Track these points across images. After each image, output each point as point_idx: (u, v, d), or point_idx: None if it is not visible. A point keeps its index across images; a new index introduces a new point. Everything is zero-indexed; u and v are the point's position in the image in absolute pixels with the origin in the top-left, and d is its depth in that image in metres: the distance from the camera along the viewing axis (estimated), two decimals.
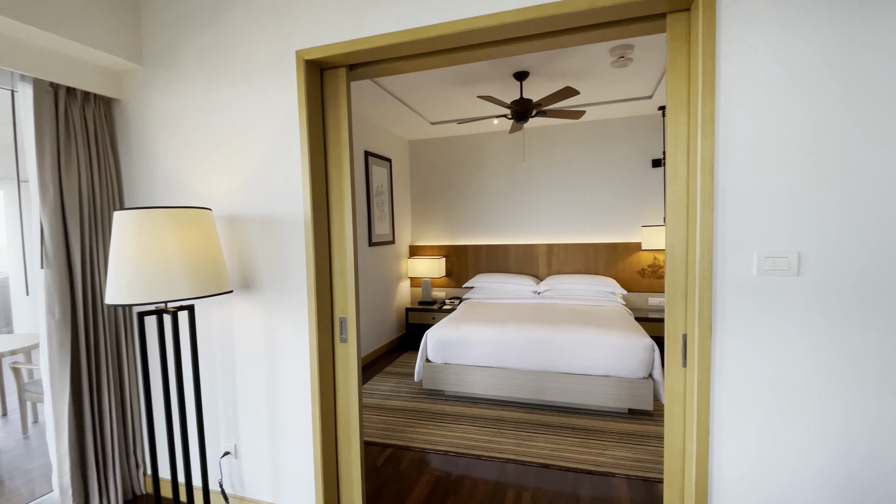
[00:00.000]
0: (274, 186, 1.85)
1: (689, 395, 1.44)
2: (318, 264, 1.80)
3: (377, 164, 4.47)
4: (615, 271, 4.61)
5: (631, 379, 2.90)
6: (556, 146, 4.72)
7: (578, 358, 2.99)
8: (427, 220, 5.24)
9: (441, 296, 5.17)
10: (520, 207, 4.89)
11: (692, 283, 1.42)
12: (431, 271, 4.84)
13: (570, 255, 4.73)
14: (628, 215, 4.58)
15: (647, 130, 4.46)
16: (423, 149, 5.20)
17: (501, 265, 4.94)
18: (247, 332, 1.95)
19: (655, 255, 4.49)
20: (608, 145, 4.57)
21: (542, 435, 2.71)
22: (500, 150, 4.91)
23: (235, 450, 2.03)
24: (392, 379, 3.77)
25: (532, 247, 4.83)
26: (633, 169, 4.52)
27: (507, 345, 3.12)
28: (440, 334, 3.28)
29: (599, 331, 3.03)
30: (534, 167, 4.81)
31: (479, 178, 5.00)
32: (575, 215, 4.72)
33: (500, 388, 3.14)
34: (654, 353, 2.89)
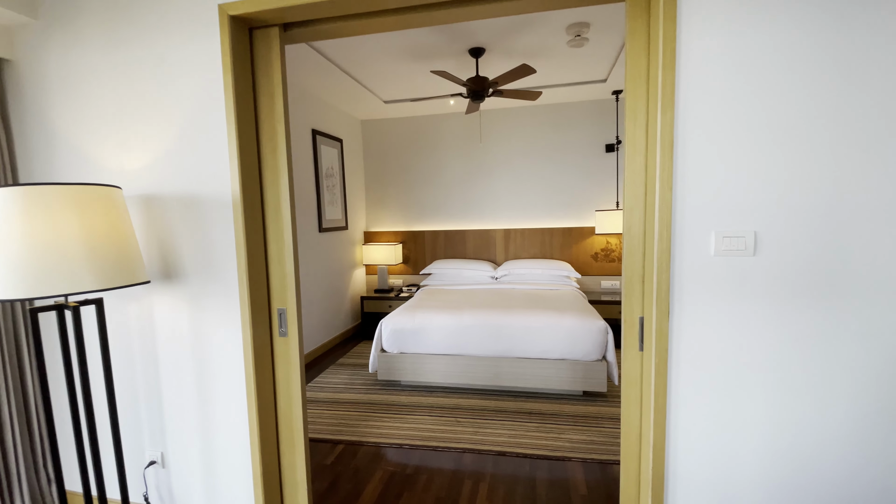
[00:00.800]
0: (197, 162, 1.63)
1: (647, 379, 1.40)
2: (250, 250, 1.61)
3: (327, 143, 4.21)
4: (570, 255, 4.65)
5: (586, 361, 2.92)
6: (513, 130, 4.65)
7: (535, 342, 2.96)
8: (382, 204, 5.05)
9: (398, 283, 5.03)
10: (477, 192, 4.80)
11: (650, 265, 1.37)
12: (388, 258, 4.68)
13: (526, 241, 4.71)
14: (582, 200, 4.61)
15: (601, 115, 4.47)
16: (376, 129, 4.97)
17: (459, 251, 4.85)
18: (171, 327, 1.73)
19: (608, 238, 4.56)
20: (563, 130, 4.56)
21: (499, 421, 2.67)
22: (457, 133, 4.78)
23: (163, 459, 1.82)
24: (346, 371, 3.61)
25: (490, 232, 4.77)
26: (588, 154, 4.54)
27: (464, 332, 3.04)
28: (395, 323, 3.15)
29: (555, 315, 3.02)
30: (491, 151, 4.73)
31: (436, 161, 4.86)
32: (531, 200, 4.70)
33: (458, 375, 3.07)
34: (607, 336, 2.91)
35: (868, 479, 1.25)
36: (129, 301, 1.76)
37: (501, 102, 4.44)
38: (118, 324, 1.79)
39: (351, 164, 4.75)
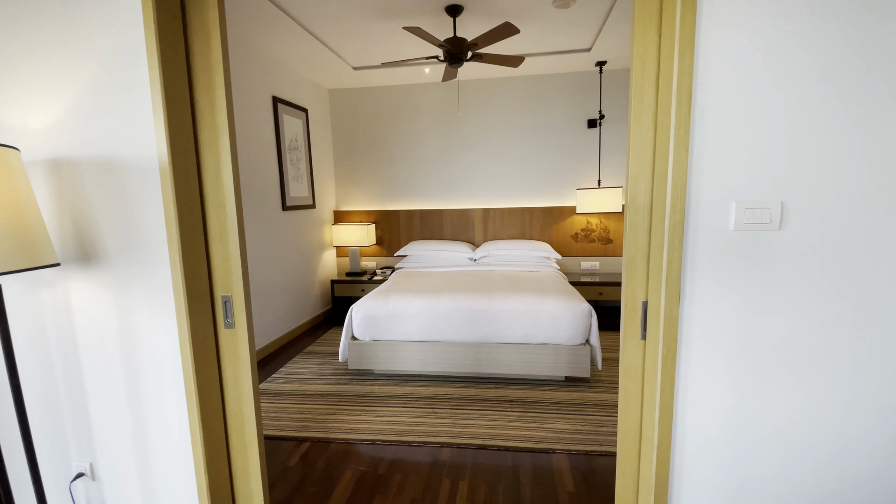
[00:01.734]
0: (116, 118, 1.33)
1: (650, 372, 1.23)
2: (183, 227, 1.34)
3: (290, 113, 3.86)
4: (549, 236, 4.50)
5: (568, 346, 2.77)
6: (492, 103, 4.40)
7: (516, 327, 2.79)
8: (353, 182, 4.74)
9: (371, 266, 4.77)
10: (455, 169, 4.55)
11: (657, 242, 1.18)
12: (360, 239, 4.40)
13: (506, 220, 4.52)
14: (563, 178, 4.43)
15: (583, 89, 4.27)
16: (346, 99, 4.62)
17: (436, 232, 4.62)
18: (93, 319, 1.45)
19: (588, 218, 4.42)
20: (545, 103, 4.34)
21: (480, 411, 2.50)
22: (434, 105, 4.49)
23: (92, 470, 1.56)
24: (314, 360, 3.37)
25: (468, 212, 4.55)
26: (569, 130, 4.35)
27: (441, 317, 2.84)
28: (367, 309, 2.91)
29: (537, 298, 2.85)
30: (469, 125, 4.47)
31: (412, 135, 4.57)
32: (511, 178, 4.49)
33: (435, 363, 2.88)
34: (591, 319, 2.77)
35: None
36: (39, 288, 1.46)
37: (480, 72, 4.17)
38: (27, 315, 1.49)
39: (318, 137, 4.41)
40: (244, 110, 3.25)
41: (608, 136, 4.30)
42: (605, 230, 4.42)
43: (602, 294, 4.04)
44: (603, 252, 4.45)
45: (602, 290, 4.03)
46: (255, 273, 3.37)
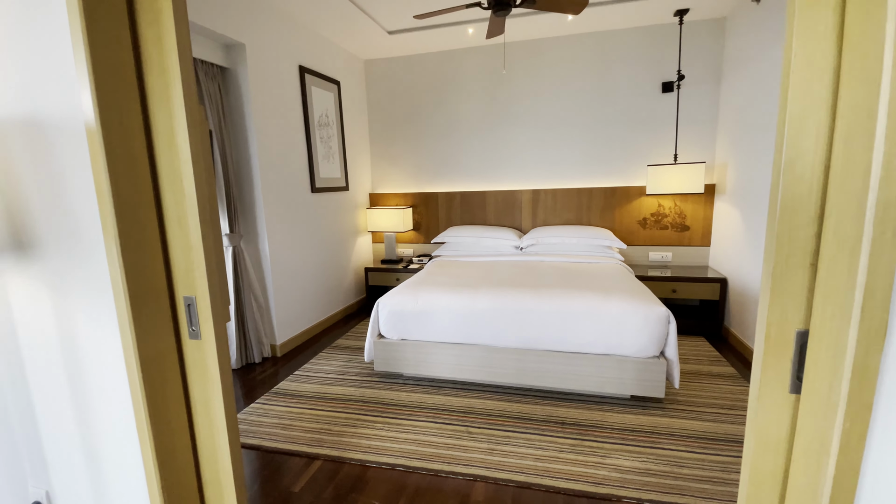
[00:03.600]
0: (36, 64, 1.00)
1: (807, 450, 0.73)
2: (121, 206, 0.99)
3: (319, 86, 3.53)
4: (611, 221, 3.89)
5: (638, 359, 2.25)
6: (544, 67, 3.82)
7: (571, 332, 2.31)
8: (390, 162, 4.37)
9: (408, 253, 4.41)
10: (500, 146, 4.04)
11: (838, 234, 0.67)
12: (396, 224, 4.05)
13: (558, 203, 3.96)
14: (630, 153, 3.79)
15: (657, 46, 3.58)
16: (382, 70, 4.23)
17: (478, 216, 4.16)
18: (33, 322, 1.17)
19: (660, 200, 3.76)
20: (608, 65, 3.69)
21: (523, 434, 2.07)
22: (477, 72, 3.98)
23: (48, 498, 1.30)
24: (342, 355, 3.07)
25: (514, 193, 4.04)
26: (639, 95, 3.68)
27: (479, 316, 2.41)
28: (395, 304, 2.54)
29: (597, 297, 2.34)
30: (517, 94, 3.92)
31: (452, 108, 4.10)
32: (566, 155, 3.91)
33: (471, 370, 2.46)
34: (668, 326, 2.22)
35: None
36: None
37: (530, 30, 3.60)
38: None
39: (351, 112, 4.06)
40: (266, 81, 2.94)
41: (688, 102, 3.59)
42: (680, 215, 3.74)
43: (675, 291, 3.41)
44: (678, 241, 3.79)
45: (676, 287, 3.41)
46: (279, 260, 3.10)
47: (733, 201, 3.23)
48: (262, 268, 3.03)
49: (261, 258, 3.02)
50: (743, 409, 2.24)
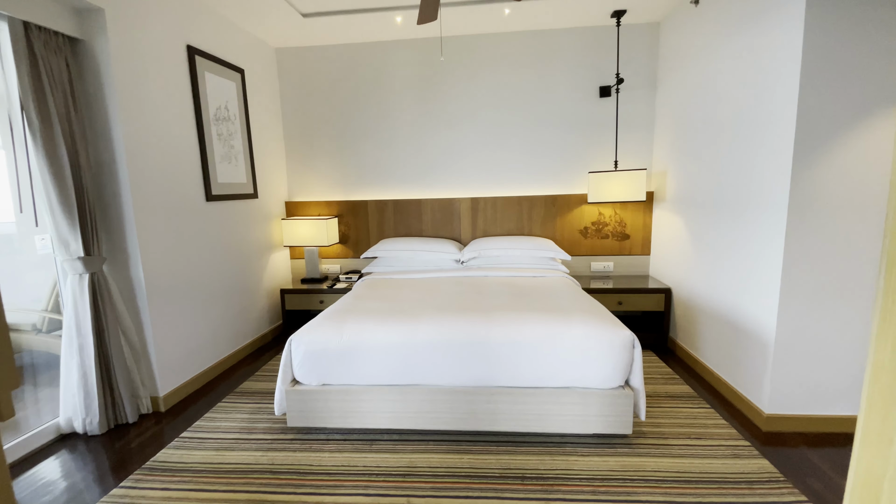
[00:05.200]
0: None
1: None
2: None
3: (217, 73, 2.91)
4: (553, 231, 3.68)
5: (602, 391, 1.96)
6: (481, 66, 3.52)
7: (527, 364, 1.96)
8: (310, 165, 3.81)
9: (334, 270, 3.87)
10: (437, 149, 3.67)
11: None
12: (318, 237, 3.49)
13: (499, 212, 3.68)
14: (571, 159, 3.61)
15: (595, 48, 3.43)
16: (297, 61, 3.67)
17: (414, 227, 3.75)
18: None
19: (601, 209, 3.62)
20: (547, 67, 3.49)
21: (478, 500, 1.67)
22: (409, 68, 3.58)
23: None
24: (248, 404, 2.47)
25: (452, 202, 3.68)
26: (579, 99, 3.52)
27: (421, 351, 1.98)
28: (313, 341, 2.03)
29: (556, 321, 2.02)
30: (454, 94, 3.59)
31: (382, 106, 3.66)
32: (506, 160, 3.64)
33: (412, 417, 2.03)
34: (633, 352, 1.96)
35: None
36: None
37: (466, 24, 3.28)
38: None
39: (260, 107, 3.46)
40: (138, 60, 2.29)
41: (626, 107, 3.49)
42: (620, 223, 3.62)
43: (622, 304, 3.25)
44: (618, 250, 3.66)
45: (622, 299, 3.24)
46: (159, 287, 2.44)
47: (675, 209, 3.14)
48: (134, 299, 2.35)
49: (133, 286, 2.34)
50: (710, 437, 2.04)
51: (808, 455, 1.92)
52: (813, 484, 1.73)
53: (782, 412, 2.10)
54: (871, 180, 1.91)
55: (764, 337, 2.13)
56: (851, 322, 2.01)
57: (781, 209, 1.99)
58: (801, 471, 1.81)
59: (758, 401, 2.17)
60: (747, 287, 2.26)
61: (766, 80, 2.08)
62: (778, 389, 2.09)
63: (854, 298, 1.99)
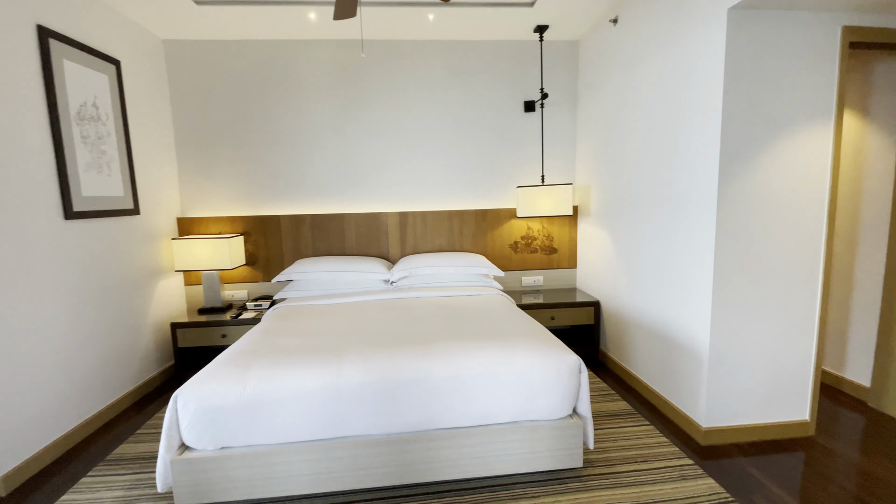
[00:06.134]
0: None
1: None
2: None
3: (82, 62, 2.35)
4: (484, 246, 3.55)
5: (550, 423, 1.80)
6: (407, 72, 3.32)
7: (471, 400, 1.74)
8: (209, 175, 3.29)
9: (240, 296, 3.36)
10: (360, 160, 3.37)
11: None
12: (219, 259, 2.99)
13: (429, 227, 3.47)
14: (500, 173, 3.53)
15: (519, 63, 3.41)
16: (192, 56, 3.17)
17: (336, 245, 3.39)
18: None
19: (529, 223, 3.57)
20: (473, 77, 3.39)
21: None
22: (327, 70, 3.26)
23: None
24: (125, 475, 1.94)
25: (379, 217, 3.40)
26: (506, 113, 3.46)
27: (347, 397, 1.67)
28: (208, 396, 1.62)
29: (500, 349, 1.84)
30: (378, 101, 3.33)
31: (296, 111, 3.28)
32: (434, 173, 3.46)
33: (338, 477, 1.69)
34: (580, 377, 1.84)
35: None
36: None
37: (389, 28, 3.06)
38: None
39: (144, 107, 2.90)
40: None
41: (551, 122, 3.50)
42: (548, 237, 3.60)
43: (554, 318, 3.20)
44: (547, 264, 3.63)
45: (554, 314, 3.19)
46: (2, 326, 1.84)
47: (600, 222, 3.17)
48: None
49: None
50: (655, 458, 1.98)
51: (746, 468, 1.92)
52: (759, 501, 1.72)
53: (718, 425, 2.12)
54: (791, 189, 2.00)
55: (698, 350, 2.14)
56: (780, 330, 2.08)
57: (710, 222, 2.02)
58: (746, 487, 1.80)
59: (695, 415, 2.17)
60: (678, 299, 2.28)
61: (689, 95, 2.13)
62: (713, 402, 2.10)
63: (782, 306, 2.07)
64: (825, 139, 1.99)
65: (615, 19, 2.80)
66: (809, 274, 2.07)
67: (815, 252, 2.06)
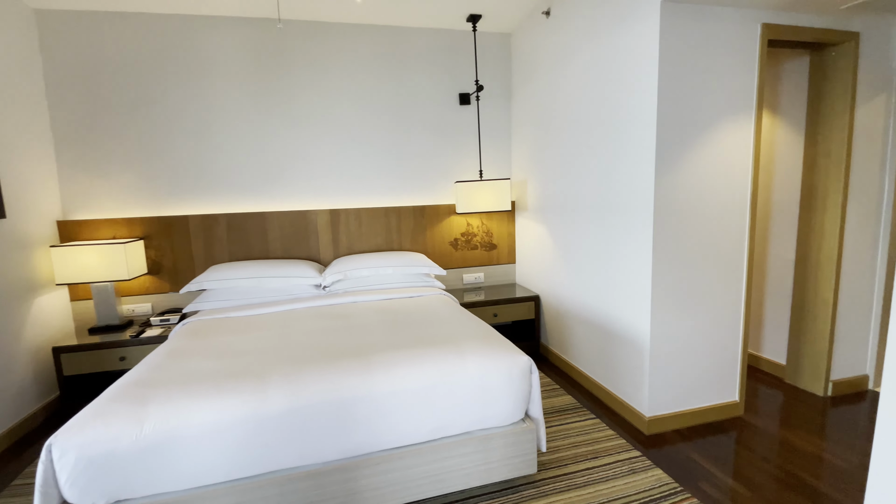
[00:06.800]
0: None
1: None
2: None
3: None
4: (423, 244, 3.40)
5: (503, 429, 1.70)
6: (333, 57, 3.06)
7: (420, 415, 1.58)
8: (98, 169, 2.79)
9: (143, 311, 2.90)
10: (283, 152, 3.05)
11: None
12: (114, 268, 2.54)
13: (364, 226, 3.24)
14: (437, 167, 3.39)
15: (453, 53, 3.29)
16: (73, 30, 2.65)
17: (257, 247, 3.04)
18: None
19: (468, 219, 3.48)
20: (406, 66, 3.21)
21: None
22: (239, 50, 2.90)
23: None
24: None
25: (307, 215, 3.11)
26: (441, 104, 3.32)
27: (274, 426, 1.43)
28: (92, 441, 1.30)
29: (448, 356, 1.70)
30: (302, 88, 3.03)
31: (203, 96, 2.88)
32: (368, 167, 3.23)
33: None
34: (532, 378, 1.75)
35: None
36: None
37: (310, 8, 2.79)
38: None
39: (8, 88, 2.37)
40: None
41: (487, 115, 3.42)
42: (487, 233, 3.54)
43: (497, 315, 3.13)
44: (487, 260, 3.57)
45: (497, 311, 3.13)
46: None
47: (538, 218, 3.16)
48: None
49: None
50: (605, 454, 1.97)
51: (689, 454, 1.97)
52: (705, 487, 1.75)
53: (661, 413, 2.16)
54: (721, 182, 2.07)
55: (639, 341, 2.16)
56: (711, 317, 2.16)
57: (648, 214, 2.03)
58: (691, 474, 1.83)
59: (638, 405, 2.20)
60: (618, 292, 2.29)
61: (623, 88, 2.13)
62: (655, 391, 2.13)
63: (713, 294, 2.14)
64: (748, 134, 2.09)
65: (547, 11, 2.77)
66: (735, 263, 2.17)
67: (740, 242, 2.16)
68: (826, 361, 2.40)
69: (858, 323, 2.46)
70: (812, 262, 2.44)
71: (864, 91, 2.27)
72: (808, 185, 2.44)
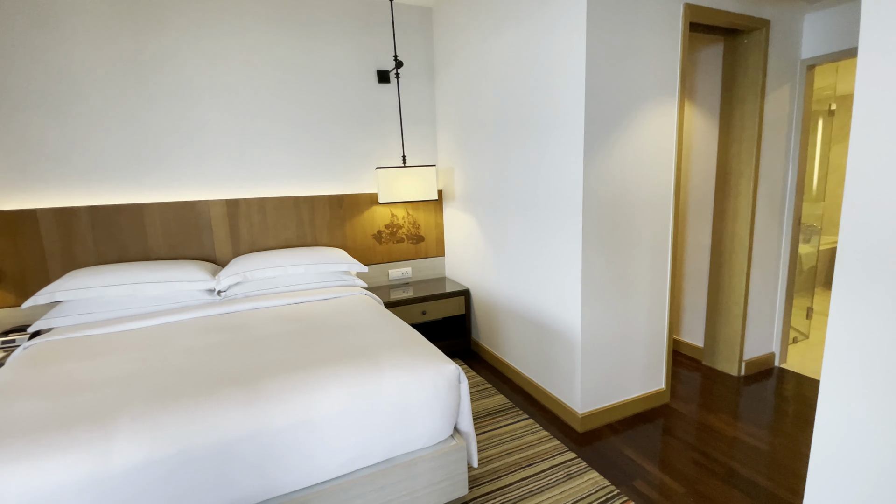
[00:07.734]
0: None
1: None
2: None
3: None
4: (342, 238, 3.07)
5: (430, 450, 1.49)
6: (222, 16, 2.59)
7: (327, 449, 1.31)
8: None
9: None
10: (161, 129, 2.54)
11: None
12: None
13: (270, 218, 2.83)
14: (355, 152, 3.06)
15: (367, 25, 2.96)
16: None
17: (133, 247, 2.52)
18: None
19: (393, 210, 3.21)
20: (314, 34, 2.83)
21: None
22: (98, 6, 2.33)
23: None
24: None
25: (197, 206, 2.63)
26: (357, 82, 2.99)
27: (122, 487, 1.08)
28: None
29: (366, 372, 1.43)
30: (185, 56, 2.53)
31: (53, 60, 2.28)
32: (273, 150, 2.82)
33: None
34: (461, 388, 1.55)
35: None
36: None
37: None
38: None
39: None
40: None
41: (408, 97, 3.15)
42: (414, 225, 3.29)
43: (426, 313, 2.92)
44: (414, 254, 3.33)
45: (425, 308, 2.91)
46: None
47: (466, 207, 2.97)
48: None
49: None
50: (539, 458, 1.84)
51: (622, 450, 1.90)
52: (640, 486, 1.67)
53: (593, 408, 2.08)
54: (647, 167, 2.00)
55: (571, 336, 2.06)
56: (638, 306, 2.11)
57: (577, 205, 1.91)
58: (625, 472, 1.76)
59: (571, 402, 2.11)
60: (550, 285, 2.17)
61: (550, 67, 1.98)
62: (587, 386, 2.05)
63: (640, 283, 2.09)
64: (671, 119, 2.04)
65: None
66: (661, 251, 2.14)
67: (665, 230, 2.13)
68: (739, 342, 2.49)
69: (766, 304, 2.59)
70: (726, 247, 2.51)
71: (773, 79, 2.34)
72: (722, 171, 2.49)
